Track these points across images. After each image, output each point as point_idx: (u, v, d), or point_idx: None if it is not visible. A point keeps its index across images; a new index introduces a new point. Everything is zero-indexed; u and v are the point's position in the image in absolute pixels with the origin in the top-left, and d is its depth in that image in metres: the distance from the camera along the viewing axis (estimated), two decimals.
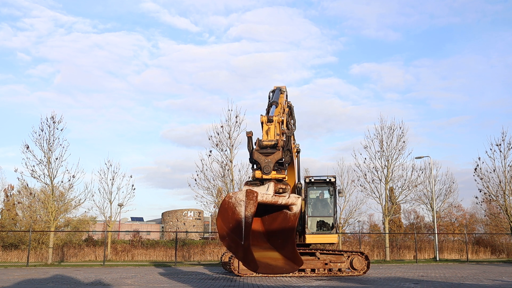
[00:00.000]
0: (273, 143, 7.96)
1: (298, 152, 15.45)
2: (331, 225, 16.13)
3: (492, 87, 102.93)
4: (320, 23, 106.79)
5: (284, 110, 10.86)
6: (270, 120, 8.51)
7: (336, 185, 16.48)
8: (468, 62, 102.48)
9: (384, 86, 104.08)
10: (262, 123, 8.59)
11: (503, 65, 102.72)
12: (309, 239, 15.84)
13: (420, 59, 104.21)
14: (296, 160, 15.45)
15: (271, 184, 7.59)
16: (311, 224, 16.21)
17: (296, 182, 15.67)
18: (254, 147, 7.96)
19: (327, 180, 16.43)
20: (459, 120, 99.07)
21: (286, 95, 12.55)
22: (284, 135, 8.31)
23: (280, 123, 8.64)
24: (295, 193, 15.73)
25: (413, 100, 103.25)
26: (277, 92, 11.51)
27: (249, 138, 7.97)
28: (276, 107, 9.83)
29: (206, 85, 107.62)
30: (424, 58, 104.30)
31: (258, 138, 8.18)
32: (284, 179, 7.80)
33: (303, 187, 16.09)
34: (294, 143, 14.93)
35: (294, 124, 14.06)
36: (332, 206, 16.27)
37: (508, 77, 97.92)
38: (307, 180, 16.35)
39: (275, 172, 7.62)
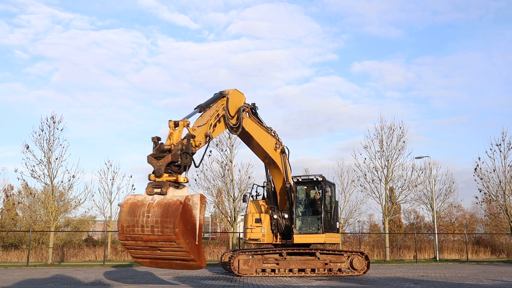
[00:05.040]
0: (169, 147, 8.42)
1: (283, 152, 15.49)
2: (318, 225, 16.03)
3: (493, 85, 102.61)
4: (321, 20, 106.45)
5: (218, 114, 11.07)
6: (177, 125, 8.89)
7: (324, 184, 16.26)
8: (470, 60, 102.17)
9: (385, 85, 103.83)
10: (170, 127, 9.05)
11: (504, 63, 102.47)
12: (297, 239, 15.82)
13: (421, 57, 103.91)
14: (282, 160, 15.53)
15: (186, 188, 8.22)
16: (299, 224, 16.17)
17: (285, 182, 15.71)
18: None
19: (314, 179, 16.37)
20: (460, 120, 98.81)
21: (245, 101, 12.91)
22: (185, 139, 8.74)
23: (186, 126, 8.99)
24: (286, 193, 15.85)
25: (415, 99, 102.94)
26: (215, 96, 11.63)
27: (154, 143, 8.50)
28: (204, 112, 10.50)
29: (206, 84, 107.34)
30: (426, 56, 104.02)
31: (161, 143, 8.61)
32: (184, 181, 8.27)
33: (291, 187, 16.07)
34: (276, 143, 15.05)
35: (261, 123, 14.35)
36: (321, 206, 16.14)
37: (510, 75, 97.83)
38: (295, 180, 16.29)
39: (167, 175, 8.06)
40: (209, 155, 27.20)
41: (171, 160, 8.13)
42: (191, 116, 9.80)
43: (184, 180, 8.23)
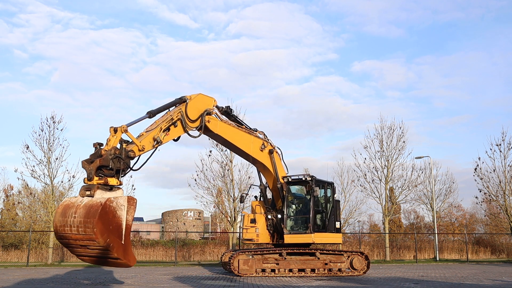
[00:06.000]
0: (101, 153, 8.92)
1: (270, 152, 15.52)
2: (307, 225, 15.98)
3: (493, 85, 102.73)
4: (321, 19, 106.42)
5: (172, 119, 11.45)
6: (116, 130, 9.34)
7: (313, 183, 16.15)
8: (470, 60, 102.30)
9: (385, 84, 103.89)
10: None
11: (505, 63, 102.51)
12: (287, 239, 15.81)
13: (422, 57, 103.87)
14: (271, 161, 15.57)
15: (121, 191, 8.78)
16: (289, 223, 16.15)
17: (277, 182, 15.73)
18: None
19: (303, 179, 16.34)
20: (461, 119, 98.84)
21: (216, 104, 13.29)
22: (119, 144, 9.27)
23: (125, 131, 9.49)
24: (279, 194, 15.87)
25: (415, 99, 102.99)
26: (174, 101, 11.90)
27: (95, 148, 8.98)
28: (159, 117, 11.09)
29: (206, 83, 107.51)
30: (426, 55, 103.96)
31: (101, 148, 9.03)
32: (116, 184, 8.75)
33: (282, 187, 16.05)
34: (263, 144, 15.12)
35: (240, 125, 14.64)
36: (310, 205, 16.09)
37: (510, 75, 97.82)
38: (285, 180, 16.27)
39: (97, 178, 8.57)
40: (209, 155, 27.23)
41: (99, 164, 8.59)
42: (137, 122, 10.24)
43: (117, 183, 8.70)
